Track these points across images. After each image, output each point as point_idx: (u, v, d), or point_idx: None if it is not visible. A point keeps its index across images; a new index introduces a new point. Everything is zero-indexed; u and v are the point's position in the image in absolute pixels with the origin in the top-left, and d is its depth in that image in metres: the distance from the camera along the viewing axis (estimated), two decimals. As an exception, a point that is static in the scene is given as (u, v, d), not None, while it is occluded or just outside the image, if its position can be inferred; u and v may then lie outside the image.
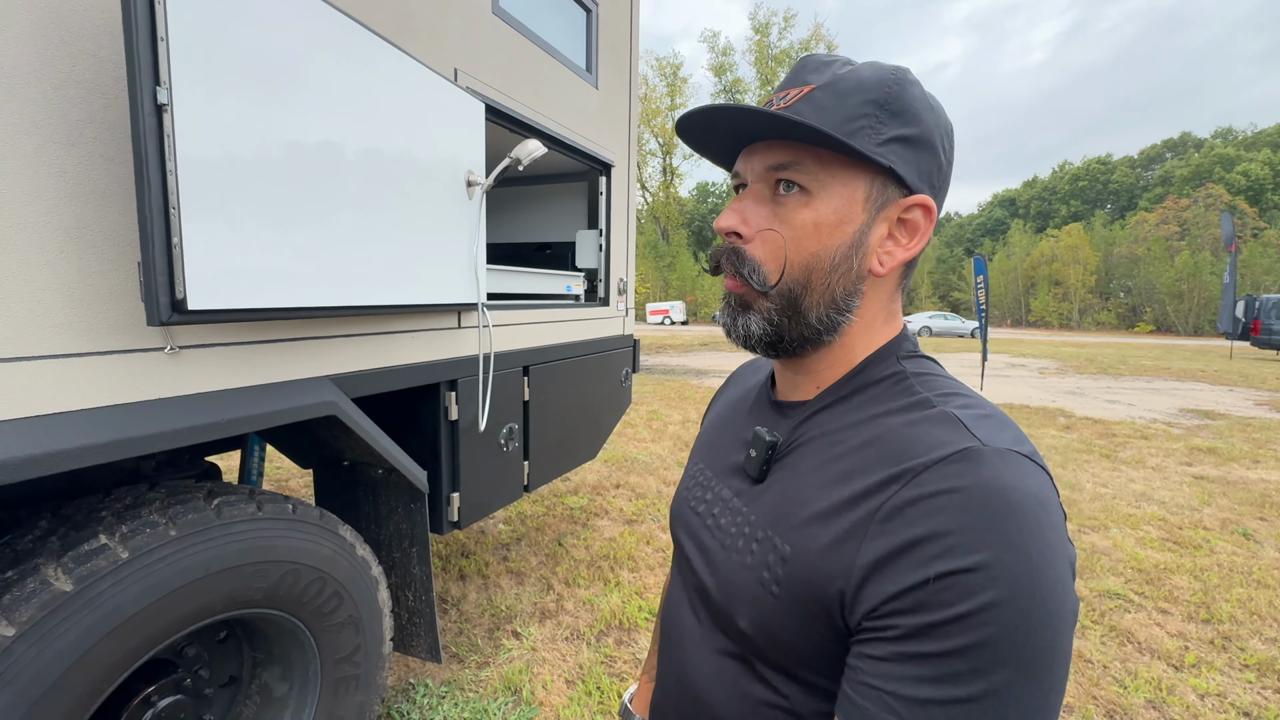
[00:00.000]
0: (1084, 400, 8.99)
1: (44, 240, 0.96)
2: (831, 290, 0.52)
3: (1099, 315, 44.96)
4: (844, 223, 0.51)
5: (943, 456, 0.44)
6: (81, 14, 0.98)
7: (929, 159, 0.52)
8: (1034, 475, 0.43)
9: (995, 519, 0.40)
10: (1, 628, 0.94)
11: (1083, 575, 3.16)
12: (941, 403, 0.49)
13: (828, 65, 0.53)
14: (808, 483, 0.51)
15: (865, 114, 0.49)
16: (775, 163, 0.52)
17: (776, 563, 0.50)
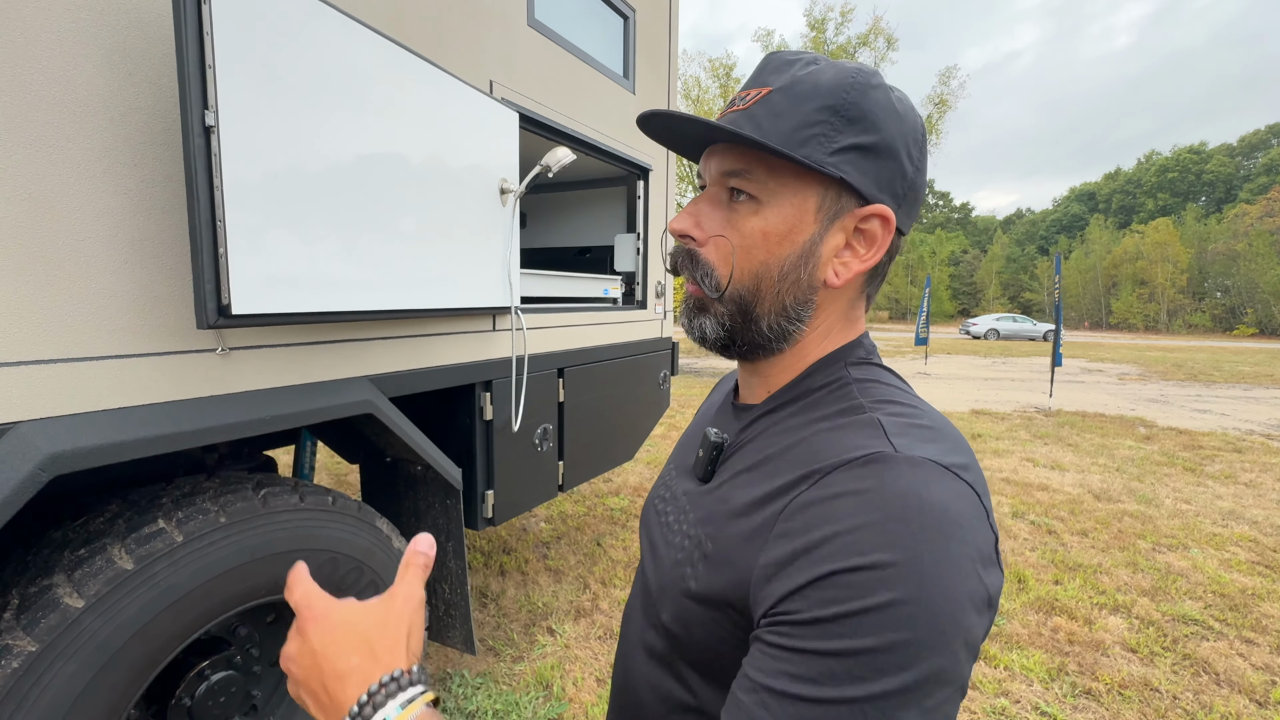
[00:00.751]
0: (1168, 409, 8.32)
1: (110, 252, 1.06)
2: (781, 299, 0.52)
3: (1190, 317, 41.47)
4: (793, 232, 0.50)
5: (850, 459, 0.43)
6: (144, 47, 1.09)
7: (890, 167, 0.50)
8: (947, 485, 0.41)
9: (893, 522, 0.39)
10: (73, 600, 1.05)
11: (1154, 598, 2.93)
12: (873, 409, 0.48)
13: (789, 65, 0.51)
14: (735, 483, 0.52)
15: (819, 120, 0.48)
16: (728, 169, 0.51)
17: (699, 559, 0.51)
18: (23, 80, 0.95)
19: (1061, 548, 3.51)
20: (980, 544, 0.40)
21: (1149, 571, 3.22)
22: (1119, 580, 3.12)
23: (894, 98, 0.50)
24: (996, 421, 7.24)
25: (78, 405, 1.04)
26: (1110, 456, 5.60)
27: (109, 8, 1.04)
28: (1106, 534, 3.72)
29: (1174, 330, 40.97)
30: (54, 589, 1.06)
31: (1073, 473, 5.07)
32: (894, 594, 0.37)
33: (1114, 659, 2.44)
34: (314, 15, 1.24)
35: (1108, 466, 5.26)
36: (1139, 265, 44.51)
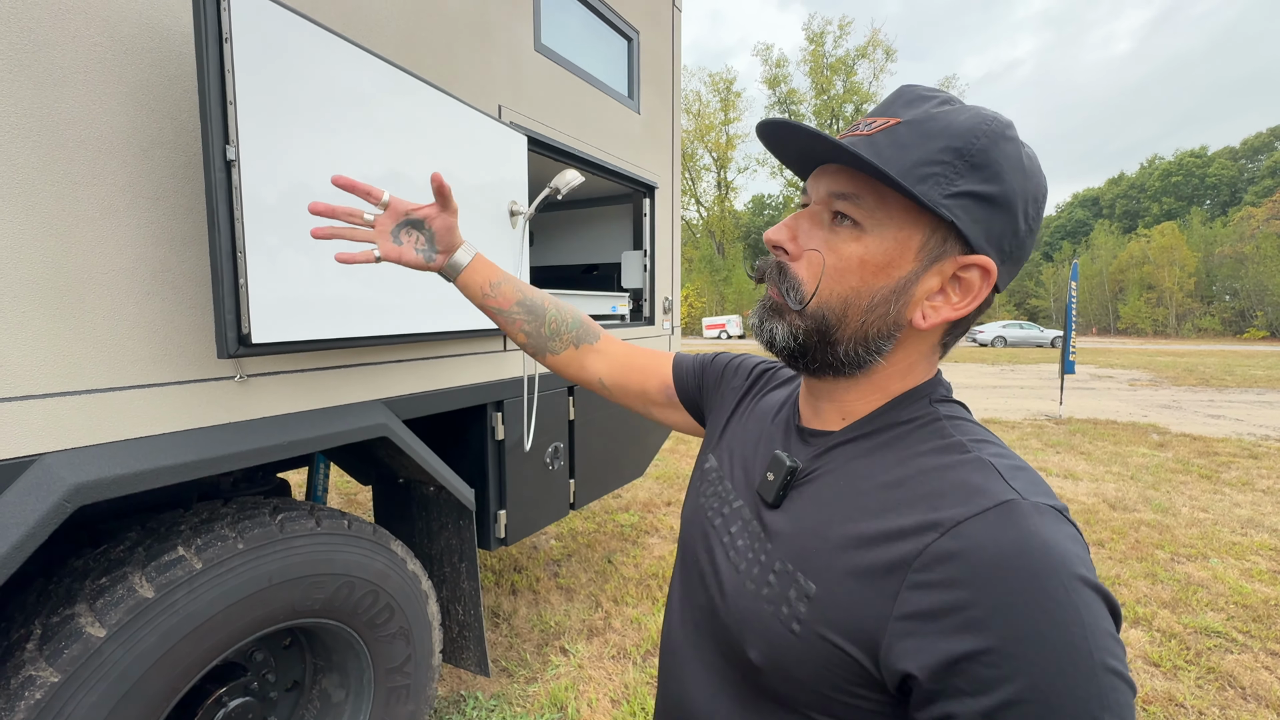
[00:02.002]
0: (1181, 415, 8.23)
1: (133, 284, 1.08)
2: (865, 329, 0.51)
3: (1200, 321, 41.18)
4: (891, 266, 0.49)
5: (982, 509, 0.43)
6: (166, 84, 1.12)
7: (1003, 221, 0.48)
8: (1066, 531, 0.43)
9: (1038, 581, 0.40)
10: (95, 629, 1.06)
11: (1176, 609, 2.88)
12: (976, 449, 0.48)
13: (923, 100, 0.50)
14: (833, 516, 0.51)
15: (942, 160, 0.47)
16: (836, 190, 0.51)
17: (799, 599, 0.49)
18: (52, 121, 0.98)
19: (1078, 559, 3.47)
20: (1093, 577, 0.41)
21: (1168, 582, 3.17)
22: (1138, 592, 3.07)
23: (1024, 153, 0.49)
24: (1007, 430, 7.18)
25: (101, 435, 1.06)
26: (1124, 464, 5.54)
27: (134, 47, 1.07)
28: (1124, 544, 3.67)
29: (1184, 334, 40.66)
30: (76, 618, 1.07)
31: (1087, 482, 5.01)
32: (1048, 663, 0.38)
33: (1137, 674, 2.40)
34: (329, 48, 1.27)
35: (1122, 475, 5.21)
36: (1145, 269, 44.30)
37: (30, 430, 0.98)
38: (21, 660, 1.02)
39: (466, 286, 0.87)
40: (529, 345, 0.91)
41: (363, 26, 1.49)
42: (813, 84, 28.89)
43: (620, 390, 0.90)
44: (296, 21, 1.19)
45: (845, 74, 28.35)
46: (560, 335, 0.90)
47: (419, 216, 0.80)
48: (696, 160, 28.62)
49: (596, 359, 0.91)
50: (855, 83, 28.36)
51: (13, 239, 0.94)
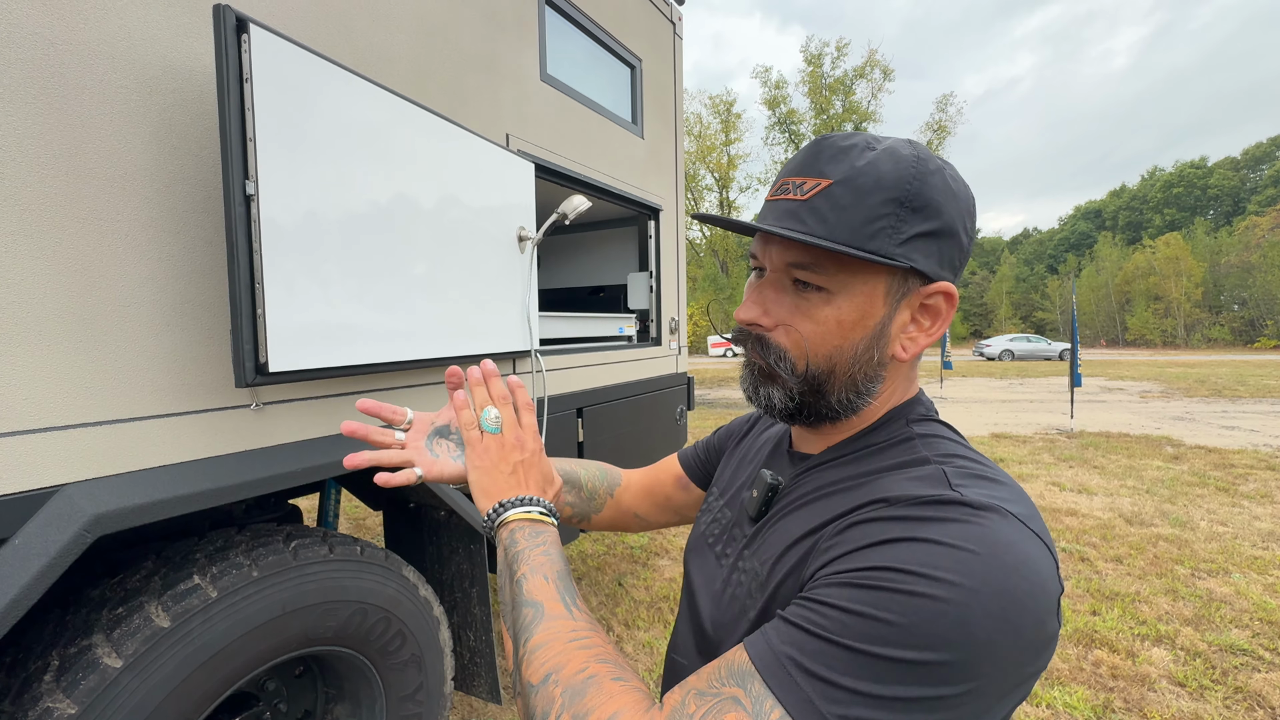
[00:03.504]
0: (1195, 427, 8.14)
1: (154, 316, 1.11)
2: (854, 377, 0.54)
3: (1210, 331, 40.87)
4: (865, 318, 0.52)
5: (919, 497, 0.45)
6: (188, 121, 1.15)
7: (951, 246, 0.52)
8: (1017, 530, 0.42)
9: (962, 546, 0.40)
10: (111, 660, 1.06)
11: (1198, 627, 2.82)
12: (939, 461, 0.50)
13: (845, 154, 0.51)
14: (796, 520, 0.55)
15: (886, 214, 0.49)
16: (794, 261, 0.52)
17: (758, 590, 0.53)
18: (80, 160, 1.01)
19: (1096, 575, 3.41)
20: (1044, 592, 0.41)
21: (1190, 599, 3.10)
22: (1159, 609, 3.01)
23: (949, 177, 0.51)
24: (1018, 445, 7.12)
25: (121, 465, 1.07)
26: (1139, 478, 5.47)
27: (157, 88, 1.11)
28: (1142, 560, 3.61)
29: (1193, 345, 40.34)
30: (93, 649, 1.07)
31: (1101, 496, 4.95)
32: (938, 591, 0.39)
33: (1161, 694, 2.34)
34: (343, 84, 1.31)
35: (1137, 488, 5.13)
36: (1152, 281, 44.16)
37: (52, 461, 0.99)
38: (39, 692, 1.02)
39: None
40: (574, 517, 0.86)
41: (375, 62, 1.54)
42: (812, 104, 29.28)
43: (654, 511, 0.89)
44: (312, 60, 1.23)
45: (844, 94, 28.73)
46: (598, 493, 0.87)
47: (443, 423, 0.73)
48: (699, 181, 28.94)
49: (628, 498, 0.89)
50: (854, 102, 28.72)
51: (40, 273, 0.97)
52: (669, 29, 3.19)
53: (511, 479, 0.64)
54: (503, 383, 0.68)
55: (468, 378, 0.68)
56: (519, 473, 0.64)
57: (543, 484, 0.66)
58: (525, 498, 0.63)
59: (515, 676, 0.51)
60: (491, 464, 0.64)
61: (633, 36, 2.81)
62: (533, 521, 0.61)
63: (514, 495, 0.63)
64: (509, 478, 0.64)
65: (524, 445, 0.66)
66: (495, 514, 0.62)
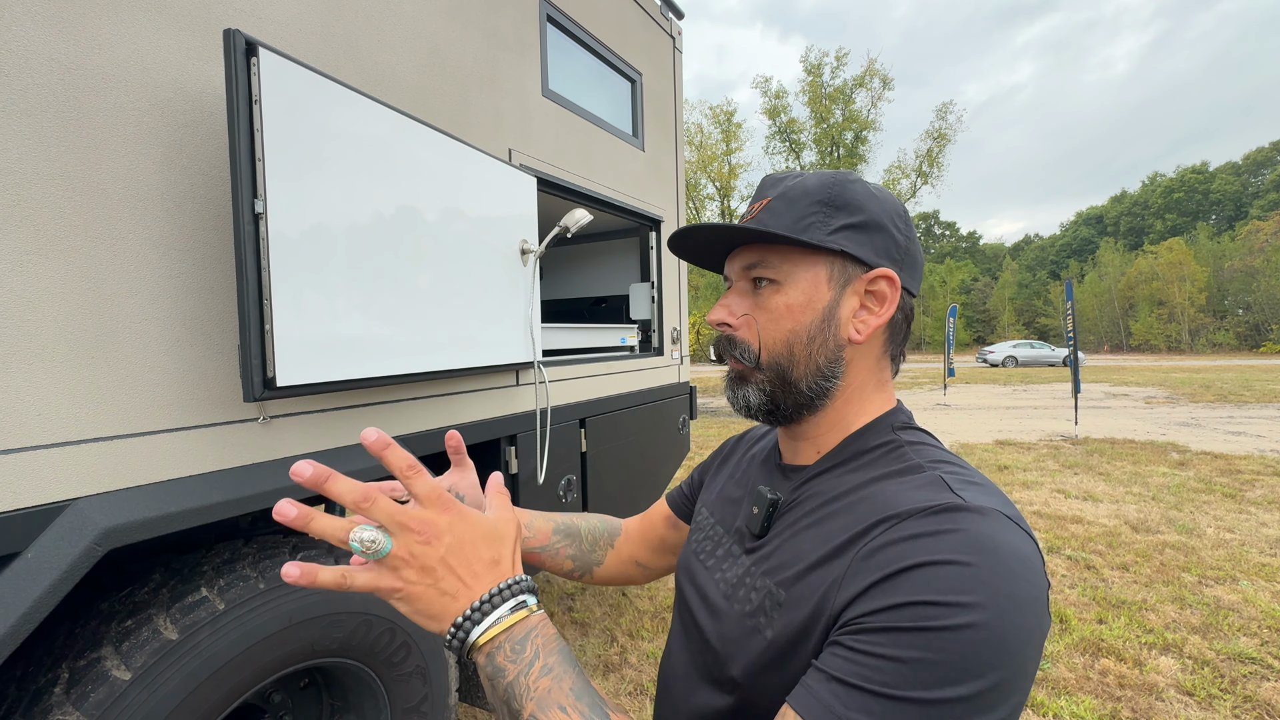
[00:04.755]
0: (1200, 432, 8.10)
1: (164, 332, 1.13)
2: (814, 360, 0.59)
3: (1214, 336, 40.70)
4: (812, 301, 0.58)
5: (924, 508, 0.48)
6: (199, 142, 1.18)
7: (882, 237, 0.59)
8: (1014, 532, 0.46)
9: (972, 557, 0.43)
10: (120, 672, 1.07)
11: (1206, 635, 2.81)
12: (932, 468, 0.53)
13: (781, 180, 0.62)
14: (805, 538, 0.55)
15: (813, 212, 0.58)
16: (748, 263, 0.62)
17: (772, 608, 0.54)
18: (93, 180, 1.04)
19: (1102, 583, 3.39)
20: (1040, 584, 0.45)
21: (1198, 607, 3.09)
22: (1167, 617, 2.99)
23: (869, 186, 0.60)
24: (1023, 452, 7.09)
25: (131, 479, 1.09)
26: (1144, 485, 5.44)
27: (169, 109, 1.14)
28: (1148, 567, 3.59)
29: (1198, 350, 40.17)
30: (102, 661, 1.09)
31: (1107, 503, 4.92)
32: (973, 617, 0.41)
33: (1170, 703, 2.33)
34: (349, 104, 1.34)
35: (1143, 495, 5.11)
36: (1155, 286, 44.08)
37: (64, 476, 1.01)
38: (49, 705, 1.04)
39: None
40: (576, 570, 0.84)
41: (380, 81, 1.57)
42: (812, 113, 29.46)
43: (652, 556, 0.88)
44: (319, 81, 1.26)
45: (844, 102, 28.90)
46: (599, 544, 0.87)
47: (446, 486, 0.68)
48: (700, 190, 29.08)
49: (628, 547, 0.89)
50: (854, 111, 28.89)
51: (54, 291, 0.99)
52: (669, 43, 3.23)
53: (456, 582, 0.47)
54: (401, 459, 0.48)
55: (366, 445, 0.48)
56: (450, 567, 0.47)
57: (495, 551, 0.50)
58: (482, 599, 0.47)
59: None
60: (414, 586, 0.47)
61: (633, 51, 2.85)
62: (509, 630, 0.47)
63: (465, 604, 0.47)
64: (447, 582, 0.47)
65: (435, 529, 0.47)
66: (456, 640, 0.47)
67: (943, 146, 28.50)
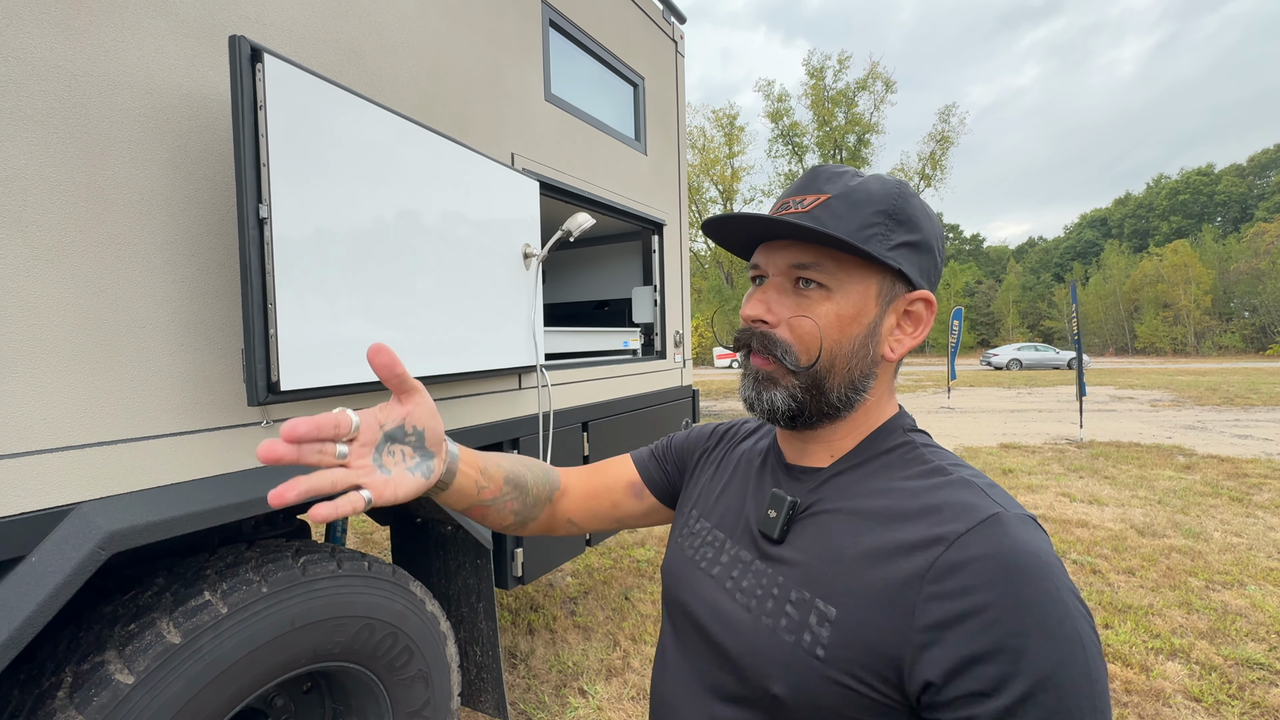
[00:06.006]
0: (1207, 435, 8.05)
1: (168, 336, 1.13)
2: (851, 373, 0.58)
3: (1220, 338, 40.48)
4: (860, 315, 0.58)
5: (978, 521, 0.49)
6: (203, 147, 1.19)
7: (928, 260, 0.59)
8: (1042, 535, 0.50)
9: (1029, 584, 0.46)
10: (124, 676, 1.07)
11: (1214, 640, 2.78)
12: (955, 470, 0.55)
13: (839, 176, 0.59)
14: (844, 540, 0.54)
15: (876, 222, 0.56)
16: (797, 261, 0.58)
17: (820, 624, 0.51)
18: (99, 185, 1.05)
19: (1108, 588, 3.37)
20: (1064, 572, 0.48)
21: (1205, 612, 3.06)
22: (1173, 622, 2.97)
23: (924, 204, 0.60)
24: (1027, 455, 7.06)
25: (135, 483, 1.09)
26: (1150, 488, 5.41)
27: (174, 115, 1.15)
28: (1155, 572, 3.57)
29: (1204, 352, 39.97)
30: (105, 665, 1.09)
31: (1112, 507, 4.89)
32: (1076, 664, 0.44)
33: (1177, 709, 2.31)
34: (353, 109, 1.35)
35: (1149, 499, 5.08)
36: (1160, 288, 43.88)
37: (69, 479, 1.02)
38: (53, 709, 1.04)
39: (460, 488, 0.67)
40: (514, 525, 0.78)
41: (384, 86, 1.58)
42: (814, 116, 29.49)
43: (592, 520, 0.83)
44: (323, 86, 1.27)
45: (846, 106, 28.93)
46: (540, 500, 0.79)
47: (395, 425, 0.57)
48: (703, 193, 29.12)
49: (565, 503, 0.82)
50: (856, 114, 28.91)
51: (60, 295, 1.00)
52: (671, 47, 3.24)
53: None
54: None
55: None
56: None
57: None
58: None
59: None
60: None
61: (635, 55, 2.86)
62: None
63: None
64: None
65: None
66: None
67: (945, 149, 28.50)
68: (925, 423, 10.01)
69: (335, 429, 0.49)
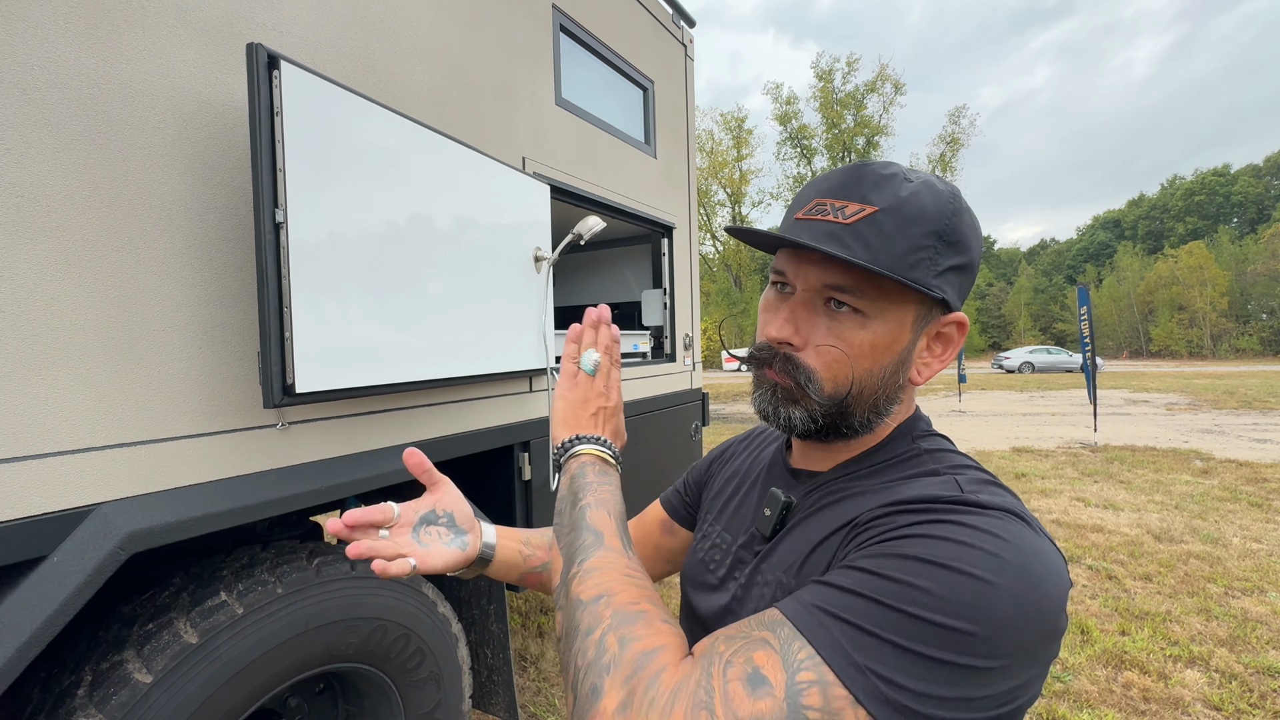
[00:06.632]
0: (1224, 440, 7.92)
1: (186, 339, 1.15)
2: (877, 400, 0.56)
3: (1238, 341, 39.87)
4: (895, 343, 0.54)
5: (935, 497, 0.47)
6: (221, 153, 1.21)
7: (970, 280, 0.56)
8: (1030, 531, 0.45)
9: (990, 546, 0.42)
10: (142, 675, 1.09)
11: (1234, 648, 2.74)
12: (949, 473, 0.53)
13: (888, 182, 0.52)
14: (814, 525, 0.56)
15: (926, 245, 0.51)
16: (834, 283, 0.53)
17: (783, 595, 0.53)
18: (120, 192, 1.06)
19: (1125, 594, 3.32)
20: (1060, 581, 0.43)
21: (1224, 619, 3.01)
22: (1192, 629, 2.92)
23: (974, 217, 0.55)
24: (1040, 459, 6.98)
25: (154, 484, 1.11)
26: (1167, 493, 5.33)
27: (193, 122, 1.16)
28: (1173, 578, 3.51)
29: (1221, 355, 39.37)
30: (124, 664, 1.10)
31: (1128, 512, 4.83)
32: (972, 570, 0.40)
33: (1196, 718, 2.27)
34: (367, 115, 1.36)
35: (1165, 504, 5.01)
36: (1175, 290, 43.32)
37: (89, 481, 1.03)
38: (73, 707, 1.05)
39: (504, 559, 0.74)
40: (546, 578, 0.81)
41: (397, 92, 1.59)
42: (823, 119, 29.42)
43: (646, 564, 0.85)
44: (338, 93, 1.28)
45: (855, 108, 28.84)
46: None
47: (427, 509, 0.70)
48: (711, 196, 29.12)
49: None
50: (865, 116, 28.80)
51: (81, 299, 1.02)
52: (680, 51, 3.25)
53: (592, 420, 0.66)
54: (610, 332, 0.70)
55: (585, 317, 0.71)
56: (600, 416, 0.67)
57: (615, 436, 0.68)
58: (602, 439, 0.65)
59: (561, 592, 0.52)
60: (579, 400, 0.67)
61: (645, 59, 2.86)
62: (603, 461, 0.63)
63: (591, 434, 0.65)
64: (590, 418, 0.66)
65: (609, 395, 0.68)
66: (570, 444, 0.64)
67: (955, 151, 28.33)
68: (936, 426, 9.92)
69: (381, 515, 0.65)
